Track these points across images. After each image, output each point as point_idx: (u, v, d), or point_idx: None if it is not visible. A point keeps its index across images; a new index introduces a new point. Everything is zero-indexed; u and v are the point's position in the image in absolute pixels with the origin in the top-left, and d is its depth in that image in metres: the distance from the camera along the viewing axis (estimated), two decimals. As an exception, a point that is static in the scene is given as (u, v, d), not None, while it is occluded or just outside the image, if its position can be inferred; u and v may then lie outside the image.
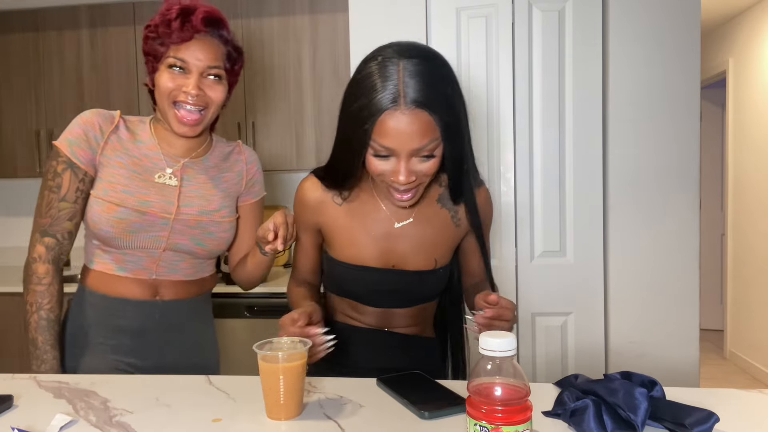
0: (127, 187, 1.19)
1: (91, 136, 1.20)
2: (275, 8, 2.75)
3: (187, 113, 1.18)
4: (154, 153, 1.24)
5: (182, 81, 1.17)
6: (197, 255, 1.26)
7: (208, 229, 1.24)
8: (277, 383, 0.85)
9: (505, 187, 2.10)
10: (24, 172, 2.98)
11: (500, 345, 0.64)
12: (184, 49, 1.16)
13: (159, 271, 1.24)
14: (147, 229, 1.20)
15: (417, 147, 0.92)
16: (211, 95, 1.19)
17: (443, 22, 2.11)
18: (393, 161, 0.94)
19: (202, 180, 1.27)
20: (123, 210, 1.18)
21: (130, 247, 1.21)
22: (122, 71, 2.88)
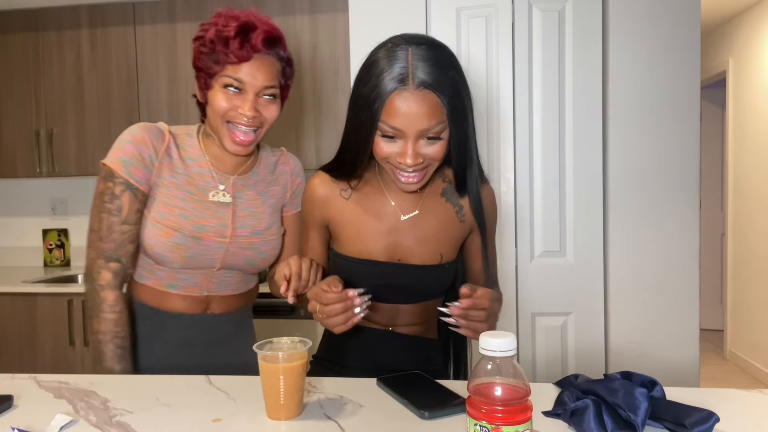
0: (183, 210, 1.18)
1: (146, 155, 1.17)
2: (275, 8, 2.75)
3: (241, 134, 1.15)
4: (206, 170, 1.22)
5: (238, 101, 1.14)
6: (247, 271, 1.28)
7: (259, 249, 1.25)
8: (277, 383, 0.85)
9: (505, 187, 2.10)
10: (24, 172, 2.98)
11: (500, 345, 0.64)
12: (241, 69, 1.12)
13: (210, 287, 1.24)
14: (202, 254, 1.19)
15: (424, 128, 0.94)
16: (266, 115, 1.17)
17: (443, 22, 2.11)
18: (400, 143, 0.96)
19: (251, 196, 1.25)
20: (179, 235, 1.16)
21: (185, 268, 1.20)
22: (122, 71, 2.88)
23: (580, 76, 2.05)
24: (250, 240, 1.23)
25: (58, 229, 3.25)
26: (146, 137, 1.17)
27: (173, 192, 1.18)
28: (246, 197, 1.25)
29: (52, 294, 2.61)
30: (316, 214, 1.15)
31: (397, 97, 0.93)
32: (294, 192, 1.32)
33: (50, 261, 3.24)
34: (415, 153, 0.95)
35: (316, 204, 1.14)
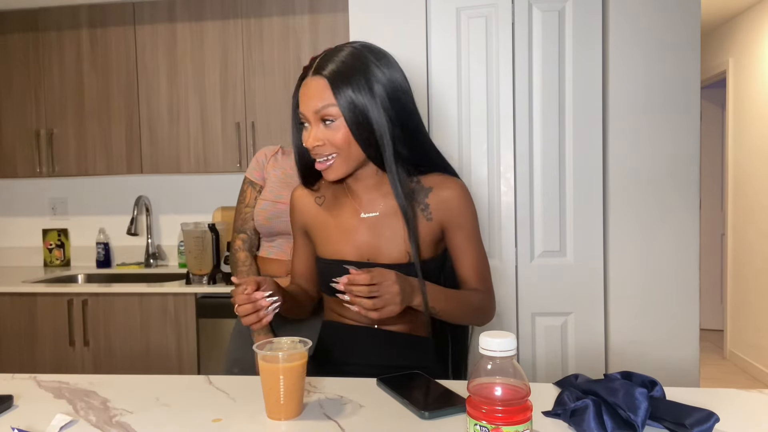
0: (272, 189, 1.59)
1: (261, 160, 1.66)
2: (275, 8, 2.75)
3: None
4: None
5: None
6: None
7: None
8: (277, 383, 0.85)
9: (505, 187, 2.10)
10: (24, 172, 2.98)
11: (500, 345, 0.64)
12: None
13: (290, 252, 1.54)
14: (279, 216, 1.55)
15: (316, 108, 1.06)
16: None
17: (443, 22, 2.11)
18: (309, 130, 1.09)
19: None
20: (264, 203, 1.59)
21: (270, 234, 1.60)
22: (122, 71, 2.88)
23: (580, 76, 2.05)
24: None
25: (58, 229, 3.25)
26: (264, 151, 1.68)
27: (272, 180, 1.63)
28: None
29: (52, 294, 2.61)
30: (298, 222, 1.25)
31: (303, 85, 1.09)
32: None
33: (50, 261, 3.24)
34: (314, 135, 1.07)
35: (296, 213, 1.25)
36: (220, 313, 2.55)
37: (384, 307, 0.97)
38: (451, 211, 1.14)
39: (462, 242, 1.16)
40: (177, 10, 2.81)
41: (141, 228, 3.15)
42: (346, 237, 1.15)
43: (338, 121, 1.05)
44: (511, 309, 2.12)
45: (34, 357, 2.63)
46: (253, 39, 2.78)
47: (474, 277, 1.18)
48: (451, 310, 1.11)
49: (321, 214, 1.20)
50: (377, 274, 0.97)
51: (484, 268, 1.19)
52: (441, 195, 1.14)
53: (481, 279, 1.18)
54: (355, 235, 1.15)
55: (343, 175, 1.11)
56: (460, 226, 1.16)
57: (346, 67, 1.05)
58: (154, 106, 2.86)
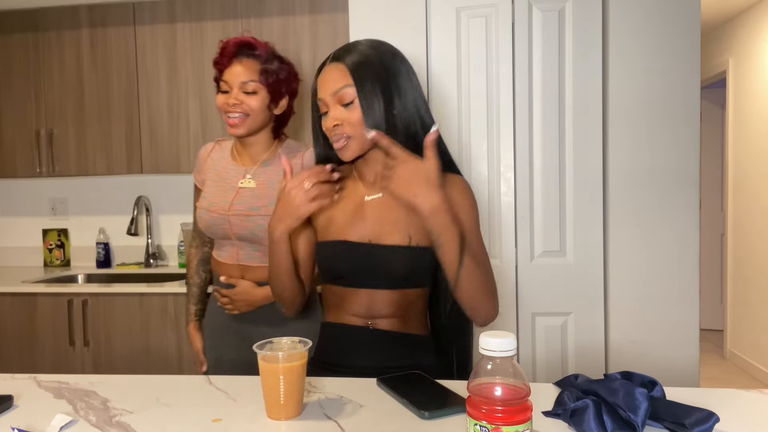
0: (206, 194, 1.61)
1: (198, 162, 1.69)
2: (275, 8, 2.75)
3: (229, 119, 1.51)
4: (229, 164, 1.61)
5: (227, 96, 1.51)
6: (262, 243, 1.51)
7: (257, 222, 1.51)
8: (277, 383, 0.85)
9: (505, 187, 2.10)
10: (24, 172, 2.98)
11: (500, 345, 0.64)
12: (226, 72, 1.52)
13: (239, 257, 1.57)
14: (214, 223, 1.56)
15: (334, 90, 1.11)
16: (250, 104, 1.50)
17: (443, 22, 2.11)
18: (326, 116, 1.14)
19: (262, 181, 1.55)
20: (200, 210, 1.60)
21: (214, 237, 1.61)
22: (122, 71, 2.88)
23: (580, 76, 2.05)
24: (246, 213, 1.52)
25: (58, 229, 3.25)
26: (200, 152, 1.69)
27: (207, 183, 1.63)
28: (258, 182, 1.56)
29: (52, 294, 2.61)
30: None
31: (320, 76, 1.16)
32: None
33: (50, 261, 3.24)
34: (332, 117, 1.12)
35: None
36: (220, 313, 2.55)
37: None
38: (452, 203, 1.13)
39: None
40: (177, 10, 2.81)
41: (141, 228, 3.15)
42: (349, 219, 1.17)
43: (355, 102, 1.11)
44: (511, 309, 2.12)
45: (34, 357, 2.63)
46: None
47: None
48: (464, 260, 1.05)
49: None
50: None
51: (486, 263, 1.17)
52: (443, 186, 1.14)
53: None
54: (358, 218, 1.17)
55: (359, 153, 1.14)
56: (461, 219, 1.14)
57: (362, 54, 1.13)
58: (154, 106, 2.86)
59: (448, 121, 2.12)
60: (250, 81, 1.50)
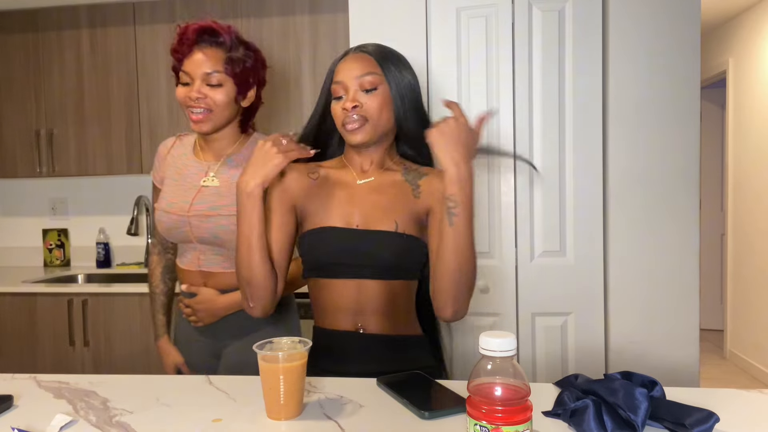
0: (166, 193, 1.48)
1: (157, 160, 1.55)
2: (275, 8, 2.75)
3: (193, 115, 1.37)
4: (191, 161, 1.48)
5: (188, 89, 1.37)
6: (225, 246, 1.40)
7: (219, 222, 1.38)
8: (277, 383, 0.85)
9: (505, 187, 2.10)
10: (24, 172, 2.98)
11: (500, 345, 0.64)
12: (187, 62, 1.37)
13: (201, 263, 1.45)
14: (174, 226, 1.43)
15: (358, 74, 1.14)
16: (215, 98, 1.36)
17: (443, 22, 2.11)
18: (345, 98, 1.14)
19: (224, 178, 1.43)
20: (159, 212, 1.47)
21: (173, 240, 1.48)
22: (122, 71, 2.88)
23: (580, 76, 2.05)
24: (207, 213, 1.40)
25: (58, 229, 3.25)
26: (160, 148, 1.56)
27: (166, 181, 1.50)
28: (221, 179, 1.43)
29: (52, 294, 2.61)
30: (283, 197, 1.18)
31: (341, 62, 1.18)
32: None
33: (50, 261, 3.24)
34: (353, 97, 1.13)
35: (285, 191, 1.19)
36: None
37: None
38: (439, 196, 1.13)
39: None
40: (177, 10, 2.81)
41: (141, 228, 3.15)
42: (338, 204, 1.18)
43: (378, 90, 1.14)
44: (511, 309, 2.12)
45: (34, 357, 2.63)
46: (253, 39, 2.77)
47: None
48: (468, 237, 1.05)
49: (315, 188, 1.20)
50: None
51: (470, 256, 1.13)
52: (434, 182, 1.18)
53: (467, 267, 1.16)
54: (348, 202, 1.18)
55: (369, 140, 1.16)
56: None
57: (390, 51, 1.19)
58: (154, 106, 2.86)
59: (448, 121, 2.12)
60: (214, 72, 1.36)
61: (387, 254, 1.13)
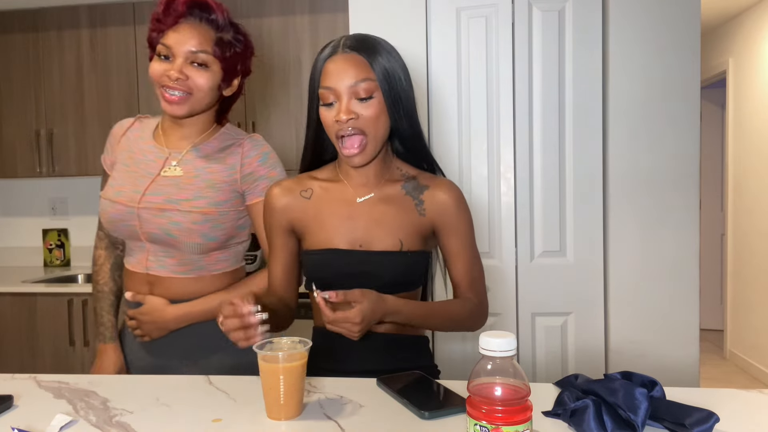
0: (114, 179, 1.30)
1: (110, 143, 1.37)
2: (275, 8, 2.75)
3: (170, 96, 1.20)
4: (149, 146, 1.31)
5: (167, 65, 1.20)
6: (178, 247, 1.24)
7: (174, 218, 1.22)
8: (277, 383, 0.85)
9: (505, 187, 2.10)
10: (24, 172, 2.98)
11: (500, 345, 0.64)
12: (170, 35, 1.20)
13: (148, 265, 1.27)
14: (119, 218, 1.26)
15: (352, 83, 1.04)
16: (197, 81, 1.20)
17: (443, 22, 2.11)
18: (337, 106, 1.06)
19: (187, 169, 1.27)
20: (104, 201, 1.29)
21: (118, 235, 1.30)
22: (122, 71, 2.88)
23: (580, 76, 2.05)
24: (161, 207, 1.23)
25: (58, 229, 3.25)
26: (114, 128, 1.38)
27: (117, 167, 1.32)
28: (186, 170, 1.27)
29: (52, 294, 2.61)
30: (280, 220, 1.18)
31: (329, 63, 1.07)
32: (248, 176, 1.27)
33: (50, 261, 3.24)
34: (347, 108, 1.05)
35: (276, 213, 1.18)
36: (220, 313, 2.55)
37: (339, 330, 0.98)
38: (447, 214, 1.14)
39: (457, 248, 1.16)
40: (177, 10, 2.81)
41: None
42: (339, 224, 1.13)
43: (374, 97, 1.06)
44: (511, 309, 2.12)
45: (34, 357, 2.63)
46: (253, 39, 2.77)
47: (466, 284, 1.16)
48: (431, 324, 1.13)
49: (312, 206, 1.16)
50: (343, 318, 0.96)
51: (477, 275, 1.17)
52: (437, 196, 1.15)
53: (473, 286, 1.17)
54: (349, 222, 1.13)
55: (371, 158, 1.10)
56: (456, 232, 1.15)
57: (383, 51, 1.08)
58: (154, 106, 2.86)
59: (448, 121, 2.12)
60: (201, 51, 1.20)
61: (392, 273, 1.12)
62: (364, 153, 1.07)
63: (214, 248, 1.27)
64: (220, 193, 1.26)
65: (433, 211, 1.14)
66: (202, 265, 1.28)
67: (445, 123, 2.12)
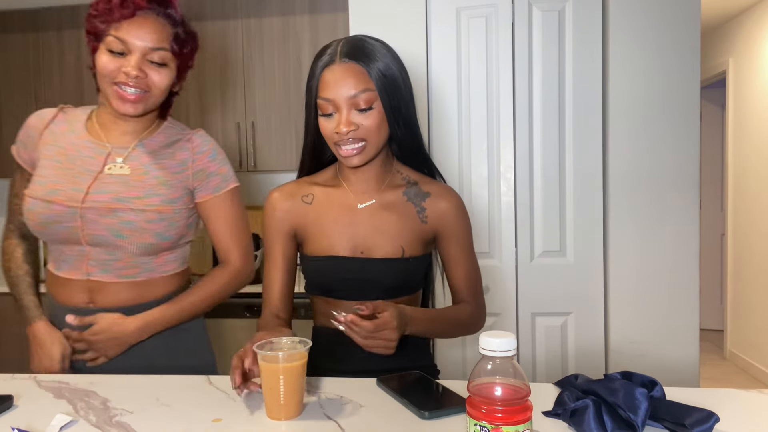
0: (43, 177, 1.19)
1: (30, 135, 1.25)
2: (275, 8, 2.75)
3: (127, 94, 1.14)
4: (84, 141, 1.21)
5: (123, 61, 1.12)
6: (126, 249, 1.17)
7: (124, 217, 1.15)
8: (277, 383, 0.85)
9: (505, 187, 2.10)
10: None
11: (500, 345, 0.64)
12: (125, 28, 1.11)
13: (90, 270, 1.18)
14: (55, 220, 1.15)
15: (351, 94, 1.03)
16: (155, 79, 1.15)
17: (443, 22, 2.11)
18: (336, 117, 1.05)
19: (134, 166, 1.20)
20: (33, 201, 1.17)
21: (51, 240, 1.19)
22: (122, 71, 2.88)
23: (580, 76, 2.05)
24: (110, 206, 1.15)
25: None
26: (33, 120, 1.26)
27: (43, 163, 1.21)
28: (133, 167, 1.20)
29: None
30: (279, 225, 1.17)
31: (327, 72, 1.05)
32: (199, 172, 1.24)
33: (50, 261, 3.24)
34: (347, 121, 1.04)
35: (278, 215, 1.17)
36: (220, 313, 2.55)
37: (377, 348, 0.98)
38: (448, 222, 1.15)
39: (456, 254, 1.17)
40: (177, 10, 2.81)
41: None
42: (341, 230, 1.13)
43: (374, 107, 1.05)
44: (511, 309, 2.12)
45: (34, 357, 2.63)
46: (253, 39, 2.78)
47: (465, 289, 1.19)
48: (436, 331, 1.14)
49: (313, 211, 1.15)
50: (381, 323, 0.96)
51: (475, 281, 1.20)
52: (439, 204, 1.15)
53: (472, 291, 1.19)
54: (351, 228, 1.13)
55: (370, 159, 1.09)
56: (457, 238, 1.17)
57: (382, 58, 1.06)
58: (154, 106, 2.86)
59: (448, 121, 2.12)
60: (161, 49, 1.13)
61: (394, 279, 1.13)
62: (362, 154, 1.07)
63: (166, 248, 1.22)
64: (172, 190, 1.21)
65: (435, 218, 1.15)
66: (151, 267, 1.22)
67: (445, 123, 2.12)
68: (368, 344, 0.96)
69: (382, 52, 1.07)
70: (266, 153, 2.81)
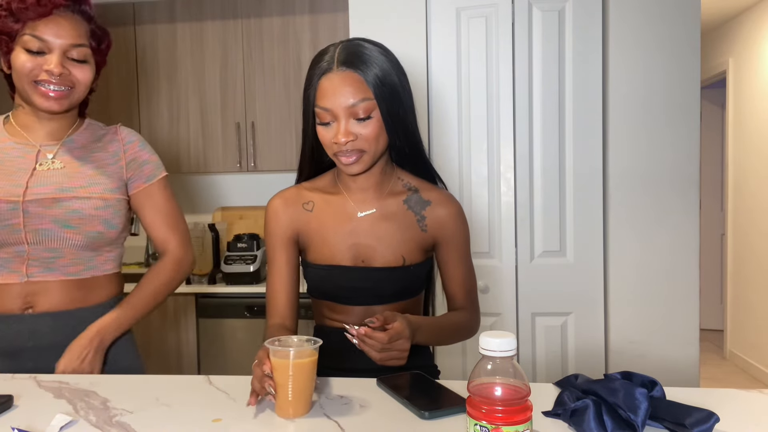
0: None
1: None
2: (275, 8, 2.75)
3: (51, 91, 1.13)
4: (8, 144, 1.19)
5: (42, 60, 1.11)
6: (75, 243, 1.15)
7: (71, 206, 1.13)
8: (287, 379, 0.85)
9: (505, 187, 2.10)
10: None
11: (500, 345, 0.64)
12: (42, 26, 1.09)
13: (30, 271, 1.14)
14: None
15: (350, 104, 1.01)
16: (78, 76, 1.15)
17: (443, 22, 2.11)
18: (335, 126, 1.03)
19: (67, 160, 1.19)
20: None
21: None
22: (122, 71, 2.88)
23: (580, 76, 2.05)
24: (55, 196, 1.13)
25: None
26: None
27: None
28: (65, 161, 1.19)
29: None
30: (282, 232, 1.16)
31: (325, 80, 1.03)
32: (132, 162, 1.25)
33: None
34: (346, 131, 1.02)
35: (281, 222, 1.17)
36: (220, 313, 2.55)
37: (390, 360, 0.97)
38: (448, 230, 1.16)
39: (454, 260, 1.18)
40: (177, 10, 2.81)
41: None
42: (341, 240, 1.13)
43: (373, 116, 1.03)
44: (511, 309, 2.12)
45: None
46: (253, 39, 2.78)
47: (462, 295, 1.20)
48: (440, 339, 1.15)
49: (314, 218, 1.15)
50: (395, 333, 0.95)
51: (471, 286, 1.21)
52: (439, 212, 1.15)
53: (468, 297, 1.20)
54: (351, 236, 1.13)
55: (369, 167, 1.09)
56: (455, 246, 1.17)
57: (380, 67, 1.04)
58: (154, 106, 2.86)
59: (448, 121, 2.12)
60: (81, 45, 1.13)
61: (395, 287, 1.14)
62: (361, 162, 1.06)
63: (112, 239, 1.21)
64: (111, 180, 1.21)
65: (435, 227, 1.16)
66: (93, 265, 1.21)
67: (445, 123, 2.12)
68: (383, 357, 0.96)
69: (381, 57, 1.05)
70: (266, 153, 2.81)
